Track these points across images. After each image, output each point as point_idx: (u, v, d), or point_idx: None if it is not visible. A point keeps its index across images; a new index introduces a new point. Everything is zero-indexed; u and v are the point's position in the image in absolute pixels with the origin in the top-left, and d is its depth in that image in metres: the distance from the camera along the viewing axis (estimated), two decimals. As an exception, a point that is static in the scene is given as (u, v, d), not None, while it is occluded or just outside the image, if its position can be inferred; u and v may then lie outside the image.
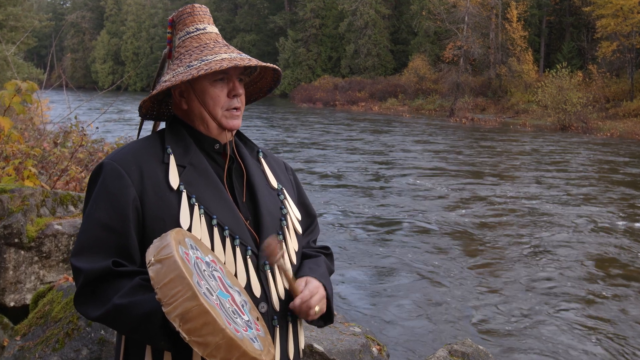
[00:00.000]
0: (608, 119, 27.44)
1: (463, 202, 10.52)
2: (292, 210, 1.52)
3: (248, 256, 1.35)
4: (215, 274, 1.22)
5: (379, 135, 22.98)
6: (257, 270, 1.36)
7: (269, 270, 1.38)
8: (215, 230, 1.32)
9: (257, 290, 1.34)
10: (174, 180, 1.33)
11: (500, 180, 13.02)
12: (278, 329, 1.38)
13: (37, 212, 3.02)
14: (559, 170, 14.45)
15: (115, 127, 17.19)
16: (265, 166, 1.53)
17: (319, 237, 1.69)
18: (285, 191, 1.53)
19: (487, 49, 37.20)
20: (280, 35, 56.29)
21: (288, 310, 1.40)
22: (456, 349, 2.91)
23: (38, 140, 5.83)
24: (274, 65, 1.46)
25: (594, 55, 33.36)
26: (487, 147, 19.61)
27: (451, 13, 36.78)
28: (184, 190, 1.32)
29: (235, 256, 1.33)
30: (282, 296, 1.39)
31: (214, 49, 1.38)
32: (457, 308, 5.62)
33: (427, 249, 7.62)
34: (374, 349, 2.94)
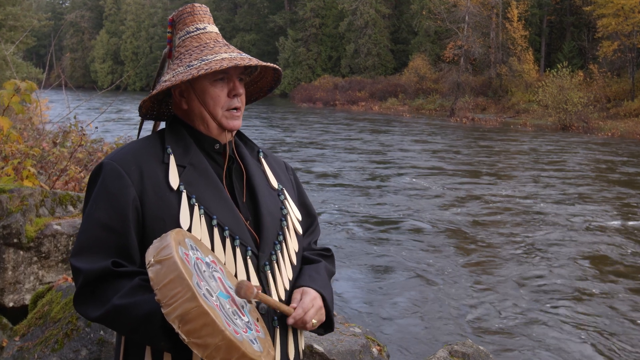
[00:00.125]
0: (609, 119, 27.42)
1: (461, 201, 10.52)
2: (293, 211, 1.51)
3: (248, 257, 1.34)
4: (216, 274, 1.21)
5: (378, 135, 22.98)
6: (257, 270, 1.35)
7: (269, 271, 1.37)
8: (215, 230, 1.31)
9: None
10: (174, 180, 1.32)
11: (497, 179, 13.02)
12: (278, 329, 1.37)
13: (36, 212, 3.02)
14: (556, 170, 14.45)
15: (114, 127, 17.19)
16: (266, 166, 1.53)
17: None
18: (285, 191, 1.53)
19: (487, 48, 37.20)
20: (280, 34, 56.28)
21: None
22: (456, 349, 2.90)
23: (37, 140, 5.82)
24: (275, 65, 1.45)
25: (595, 55, 33.36)
26: (485, 146, 19.62)
27: (451, 12, 36.77)
28: (184, 191, 1.32)
29: (235, 257, 1.32)
30: (283, 297, 1.38)
31: (214, 48, 1.37)
32: (457, 308, 5.62)
33: (425, 248, 7.62)
34: (374, 350, 2.93)
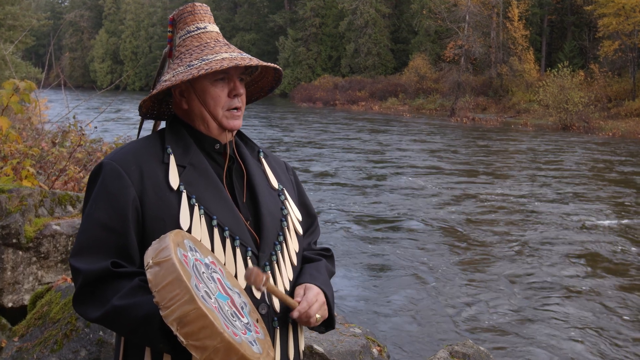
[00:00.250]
0: (610, 119, 27.41)
1: (461, 200, 10.51)
2: (293, 211, 1.51)
3: (248, 257, 1.34)
4: (215, 275, 1.21)
5: (377, 134, 22.96)
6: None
7: (269, 272, 1.36)
8: (216, 230, 1.31)
9: (257, 291, 1.33)
10: (174, 180, 1.32)
11: (495, 178, 13.02)
12: (278, 330, 1.37)
13: (35, 213, 3.01)
14: (554, 169, 14.46)
15: (114, 127, 17.22)
16: (266, 166, 1.52)
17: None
18: (285, 192, 1.52)
19: (488, 48, 37.18)
20: (280, 34, 56.26)
21: (288, 312, 1.38)
22: (457, 349, 2.90)
23: (36, 140, 5.81)
24: (275, 65, 1.45)
25: (596, 55, 33.33)
26: (484, 146, 19.62)
27: (452, 12, 36.77)
28: (184, 191, 1.31)
29: (235, 257, 1.32)
30: (283, 297, 1.38)
31: (215, 48, 1.37)
32: (457, 308, 5.61)
33: (421, 247, 7.61)
34: (374, 350, 2.92)
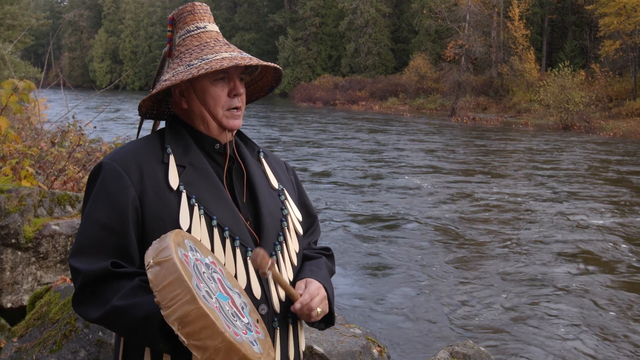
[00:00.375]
0: (611, 119, 27.39)
1: (461, 200, 10.51)
2: (293, 211, 1.50)
3: (248, 257, 1.33)
4: (215, 275, 1.20)
5: (376, 134, 22.96)
6: (257, 271, 1.34)
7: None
8: (215, 231, 1.31)
9: (257, 291, 1.33)
10: (173, 180, 1.31)
11: (492, 178, 13.03)
12: (278, 330, 1.37)
13: (34, 213, 3.00)
14: (551, 169, 14.48)
15: (113, 127, 17.20)
16: (266, 166, 1.52)
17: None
18: (286, 192, 1.52)
19: (488, 47, 37.17)
20: (280, 33, 56.25)
21: (288, 312, 1.38)
22: (457, 350, 2.89)
23: (35, 139, 5.81)
24: (275, 65, 1.45)
25: (597, 54, 33.30)
26: (482, 146, 19.62)
27: (452, 11, 36.78)
28: (184, 191, 1.31)
29: (235, 257, 1.32)
30: (283, 298, 1.38)
31: (215, 47, 1.37)
32: (457, 308, 5.60)
33: (418, 246, 7.61)
34: (374, 351, 2.92)
